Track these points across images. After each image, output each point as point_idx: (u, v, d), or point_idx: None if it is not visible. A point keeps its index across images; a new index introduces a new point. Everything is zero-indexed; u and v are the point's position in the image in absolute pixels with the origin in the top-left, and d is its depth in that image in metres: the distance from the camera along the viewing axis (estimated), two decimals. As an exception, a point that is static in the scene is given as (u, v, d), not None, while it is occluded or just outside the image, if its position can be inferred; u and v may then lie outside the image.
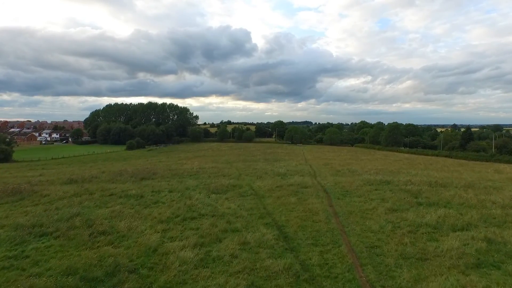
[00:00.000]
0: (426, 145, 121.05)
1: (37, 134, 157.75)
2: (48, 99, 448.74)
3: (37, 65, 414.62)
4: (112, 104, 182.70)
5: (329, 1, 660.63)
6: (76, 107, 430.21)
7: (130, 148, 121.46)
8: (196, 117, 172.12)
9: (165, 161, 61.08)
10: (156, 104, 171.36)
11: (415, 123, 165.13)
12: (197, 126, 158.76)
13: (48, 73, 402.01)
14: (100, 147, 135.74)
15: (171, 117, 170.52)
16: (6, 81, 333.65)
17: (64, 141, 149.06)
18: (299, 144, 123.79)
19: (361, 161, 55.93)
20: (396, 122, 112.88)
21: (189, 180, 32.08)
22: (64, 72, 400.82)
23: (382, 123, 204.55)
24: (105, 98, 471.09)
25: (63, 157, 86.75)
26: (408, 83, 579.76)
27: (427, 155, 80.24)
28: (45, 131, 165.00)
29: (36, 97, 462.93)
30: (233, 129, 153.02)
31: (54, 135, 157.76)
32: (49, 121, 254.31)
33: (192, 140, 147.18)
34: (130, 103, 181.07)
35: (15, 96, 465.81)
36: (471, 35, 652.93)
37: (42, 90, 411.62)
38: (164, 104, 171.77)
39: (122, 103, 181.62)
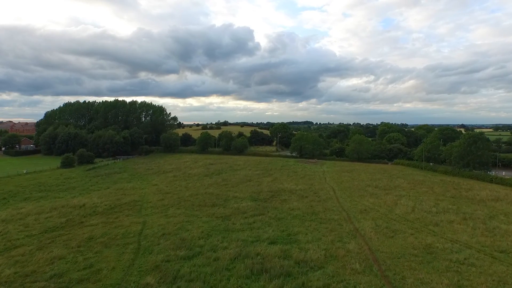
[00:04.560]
0: (502, 162, 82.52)
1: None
2: (48, 98, 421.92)
3: (37, 64, 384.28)
4: (72, 102, 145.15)
5: (333, 1, 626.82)
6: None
7: (67, 164, 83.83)
8: (174, 119, 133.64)
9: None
10: (124, 102, 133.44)
11: (416, 123, 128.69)
12: (173, 132, 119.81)
13: (48, 73, 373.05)
14: (36, 159, 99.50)
15: (143, 119, 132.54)
16: (6, 81, 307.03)
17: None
18: (313, 160, 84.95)
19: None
20: (479, 132, 73.06)
21: None
22: (64, 71, 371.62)
23: (400, 124, 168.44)
24: (106, 98, 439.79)
25: None
26: (411, 82, 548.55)
27: None
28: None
29: (36, 97, 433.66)
30: (220, 135, 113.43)
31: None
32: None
33: (165, 149, 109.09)
34: (94, 101, 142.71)
35: (14, 96, 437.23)
36: (475, 34, 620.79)
37: (42, 90, 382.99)
38: (134, 103, 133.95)
39: (85, 101, 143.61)
